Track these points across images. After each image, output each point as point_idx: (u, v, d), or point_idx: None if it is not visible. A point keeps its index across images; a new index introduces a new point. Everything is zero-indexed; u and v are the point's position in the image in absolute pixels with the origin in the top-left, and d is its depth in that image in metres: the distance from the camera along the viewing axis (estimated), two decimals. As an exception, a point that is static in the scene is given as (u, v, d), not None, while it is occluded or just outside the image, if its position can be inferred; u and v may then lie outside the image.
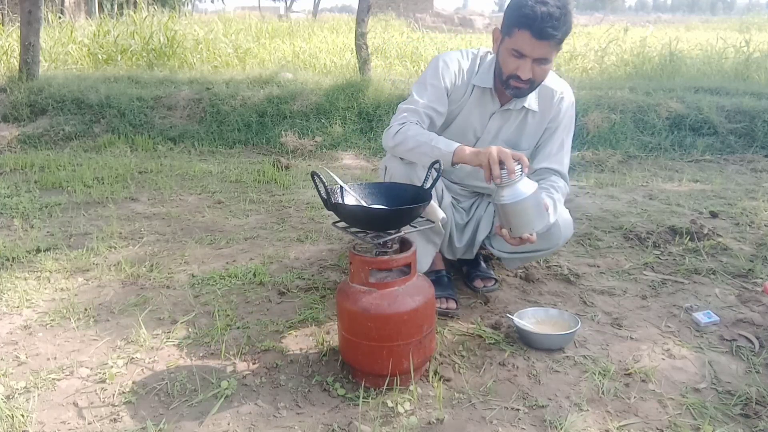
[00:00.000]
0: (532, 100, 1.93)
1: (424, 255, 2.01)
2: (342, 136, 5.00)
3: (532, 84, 1.80)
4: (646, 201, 3.44)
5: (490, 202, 2.11)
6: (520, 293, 2.20)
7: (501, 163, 1.54)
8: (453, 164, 1.69)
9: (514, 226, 1.61)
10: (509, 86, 1.81)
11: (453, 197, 2.11)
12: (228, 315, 2.01)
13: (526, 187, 1.57)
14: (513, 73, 1.76)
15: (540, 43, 1.68)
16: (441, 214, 1.76)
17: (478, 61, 1.93)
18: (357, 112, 5.27)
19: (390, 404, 1.51)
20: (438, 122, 1.92)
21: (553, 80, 1.96)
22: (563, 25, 1.66)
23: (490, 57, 1.92)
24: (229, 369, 1.69)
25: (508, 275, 2.35)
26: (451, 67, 1.91)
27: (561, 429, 1.43)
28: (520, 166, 1.55)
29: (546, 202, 1.75)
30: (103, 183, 3.70)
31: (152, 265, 2.42)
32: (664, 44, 8.14)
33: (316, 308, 2.05)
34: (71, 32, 7.83)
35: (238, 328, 1.93)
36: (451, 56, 1.94)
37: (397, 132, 1.79)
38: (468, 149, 1.65)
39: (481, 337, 1.87)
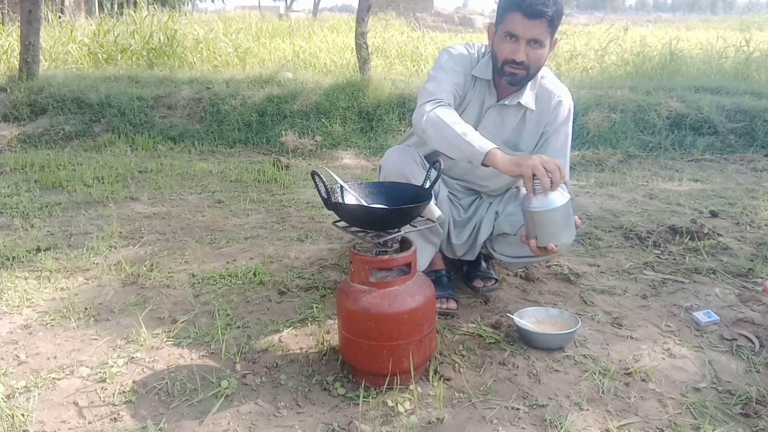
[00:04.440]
0: (529, 98, 1.92)
1: (422, 254, 2.01)
2: (342, 136, 5.00)
3: (528, 70, 1.80)
4: (646, 200, 3.44)
5: (491, 203, 2.11)
6: (520, 293, 2.20)
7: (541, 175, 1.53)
8: (483, 165, 1.66)
9: (540, 234, 1.58)
10: (504, 73, 1.81)
11: (451, 193, 2.11)
12: (228, 314, 2.01)
13: (558, 197, 1.55)
14: (508, 57, 1.78)
15: (532, 22, 1.70)
16: (438, 212, 1.75)
17: (478, 55, 1.95)
18: (357, 112, 5.27)
19: (390, 403, 1.51)
20: (457, 103, 1.91)
21: (552, 83, 1.96)
22: (554, 4, 1.69)
23: (486, 52, 1.94)
24: (229, 368, 1.69)
25: (508, 275, 2.35)
26: (462, 55, 1.93)
27: (561, 428, 1.43)
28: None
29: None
30: (103, 182, 3.70)
31: (152, 265, 2.42)
32: (664, 43, 8.14)
33: (317, 308, 2.05)
34: (71, 32, 7.83)
35: (238, 327, 1.93)
36: (458, 47, 1.97)
37: (429, 113, 1.73)
38: (501, 155, 1.61)
39: (481, 336, 1.87)
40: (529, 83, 1.90)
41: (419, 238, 1.96)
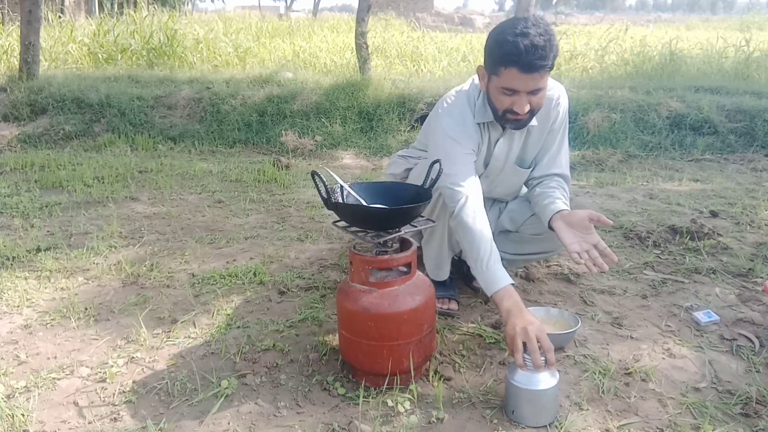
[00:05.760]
0: None
1: (447, 262, 2.02)
2: (342, 136, 5.00)
3: (532, 113, 1.73)
4: (646, 200, 3.44)
5: (494, 200, 2.12)
6: (520, 293, 2.18)
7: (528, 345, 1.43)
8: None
9: (518, 410, 1.45)
10: (507, 120, 1.74)
11: None
12: (228, 314, 2.01)
13: (546, 378, 1.43)
14: (509, 108, 1.69)
15: (531, 76, 1.60)
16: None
17: (471, 102, 1.86)
18: (357, 112, 5.27)
19: (390, 403, 1.51)
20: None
21: (549, 88, 1.89)
22: (550, 51, 1.58)
23: (480, 92, 1.84)
24: (230, 368, 1.69)
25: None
26: (461, 123, 1.82)
27: (561, 428, 1.43)
28: (544, 359, 1.42)
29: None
30: (103, 182, 3.70)
31: (152, 265, 2.42)
32: (664, 43, 8.13)
33: (317, 307, 2.05)
34: (71, 31, 7.83)
35: (239, 327, 1.93)
36: (450, 116, 1.83)
37: (457, 218, 1.70)
38: (506, 304, 1.55)
39: (481, 336, 1.87)
40: None
41: (445, 247, 1.96)
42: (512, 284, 1.61)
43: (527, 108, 1.67)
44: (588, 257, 1.64)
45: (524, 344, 1.44)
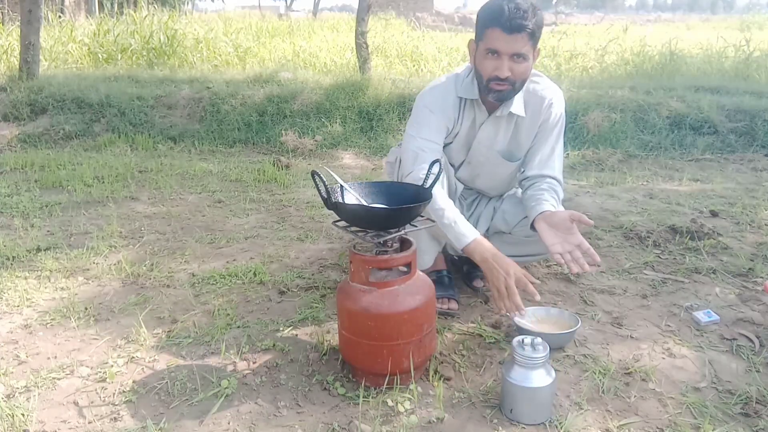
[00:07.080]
0: (518, 106, 1.90)
1: (428, 252, 2.01)
2: (342, 136, 5.00)
3: (513, 84, 1.77)
4: (646, 200, 3.44)
5: (489, 200, 2.12)
6: (520, 292, 2.19)
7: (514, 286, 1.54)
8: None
9: (515, 408, 1.46)
10: (491, 90, 1.78)
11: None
12: (228, 314, 2.01)
13: (541, 376, 1.44)
14: (492, 74, 1.74)
15: (512, 36, 1.67)
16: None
17: (460, 79, 1.92)
18: (357, 112, 5.27)
19: (390, 403, 1.51)
20: (447, 135, 1.93)
21: (543, 87, 1.93)
22: (533, 16, 1.67)
23: (470, 71, 1.90)
24: (230, 368, 1.69)
25: (508, 274, 2.35)
26: (436, 92, 1.91)
27: (561, 428, 1.43)
28: (545, 353, 1.44)
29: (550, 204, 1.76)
30: (103, 182, 3.70)
31: (152, 265, 2.42)
32: (664, 43, 8.13)
33: (317, 307, 2.05)
34: (71, 31, 7.84)
35: (239, 327, 1.93)
36: (433, 88, 1.93)
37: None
38: (479, 253, 1.66)
39: (481, 336, 1.87)
40: None
41: (426, 236, 1.96)
42: (483, 235, 1.71)
43: (507, 73, 1.72)
44: (570, 257, 1.66)
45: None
